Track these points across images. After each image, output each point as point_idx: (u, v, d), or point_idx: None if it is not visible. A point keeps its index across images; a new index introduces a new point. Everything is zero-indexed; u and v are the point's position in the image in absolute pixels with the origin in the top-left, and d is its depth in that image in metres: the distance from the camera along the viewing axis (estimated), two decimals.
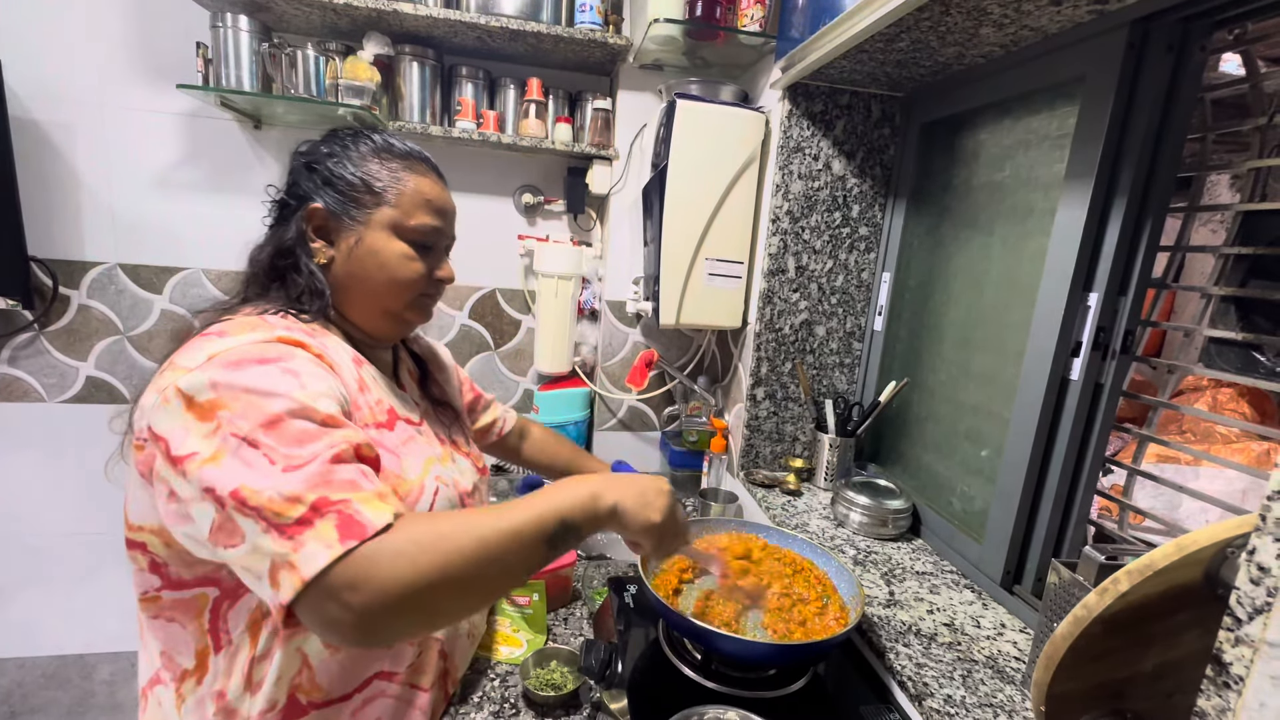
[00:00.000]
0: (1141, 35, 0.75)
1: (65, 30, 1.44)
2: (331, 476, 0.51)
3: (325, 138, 0.73)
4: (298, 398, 0.53)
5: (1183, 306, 1.79)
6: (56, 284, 1.54)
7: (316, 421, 0.53)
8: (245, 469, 0.50)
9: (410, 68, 1.46)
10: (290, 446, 0.51)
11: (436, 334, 1.72)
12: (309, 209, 0.69)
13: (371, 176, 0.69)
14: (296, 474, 0.50)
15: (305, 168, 0.71)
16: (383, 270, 0.70)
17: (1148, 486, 1.07)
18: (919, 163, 1.22)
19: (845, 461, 1.29)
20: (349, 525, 0.49)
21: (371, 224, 0.69)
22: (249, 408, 0.52)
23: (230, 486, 0.49)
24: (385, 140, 0.72)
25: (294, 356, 0.57)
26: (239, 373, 0.53)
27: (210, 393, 0.52)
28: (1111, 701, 0.53)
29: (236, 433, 0.51)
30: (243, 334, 0.58)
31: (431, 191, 0.73)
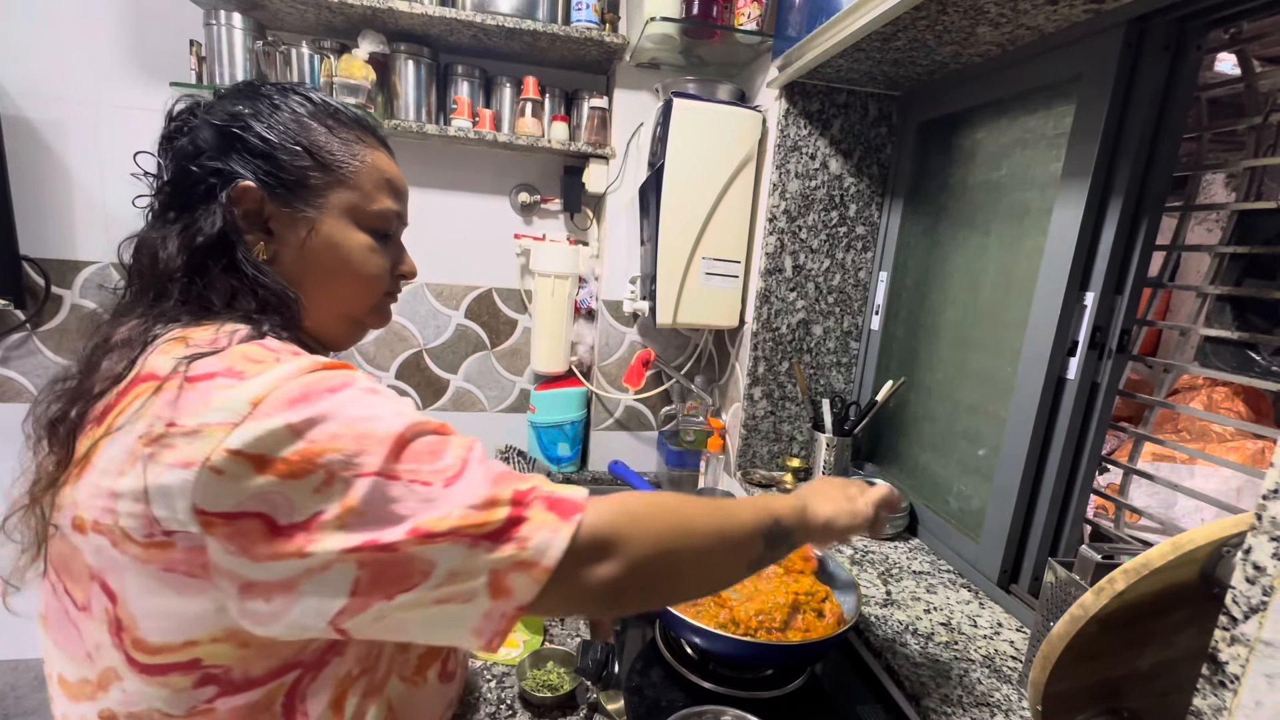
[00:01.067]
0: (1138, 34, 0.75)
1: (57, 27, 1.43)
2: (496, 469, 0.45)
3: (240, 91, 0.57)
4: (403, 412, 0.45)
5: (1178, 306, 1.79)
6: (49, 283, 1.53)
7: (433, 430, 0.46)
8: (402, 506, 0.42)
9: (406, 66, 1.45)
10: (432, 461, 0.44)
11: (433, 334, 1.71)
12: (238, 189, 0.52)
13: (320, 148, 0.55)
14: (464, 480, 0.44)
15: (218, 131, 0.53)
16: (345, 267, 0.57)
17: (1143, 485, 1.07)
18: (916, 162, 1.22)
19: (842, 461, 1.28)
20: (560, 505, 0.45)
21: (327, 209, 0.55)
22: (361, 440, 0.42)
23: (401, 530, 0.41)
24: (325, 100, 0.58)
25: (356, 377, 0.46)
26: (315, 412, 0.42)
27: (295, 442, 0.41)
28: (1108, 700, 0.53)
29: (365, 471, 0.41)
30: (271, 365, 0.44)
31: (389, 167, 0.61)
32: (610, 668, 0.77)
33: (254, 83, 0.58)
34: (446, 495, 0.43)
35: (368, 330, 0.65)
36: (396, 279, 0.64)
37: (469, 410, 1.78)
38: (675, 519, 0.50)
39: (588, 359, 1.71)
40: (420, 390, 1.73)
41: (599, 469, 1.67)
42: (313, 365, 0.45)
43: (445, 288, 1.69)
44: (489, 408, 1.79)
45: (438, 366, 1.73)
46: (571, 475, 1.60)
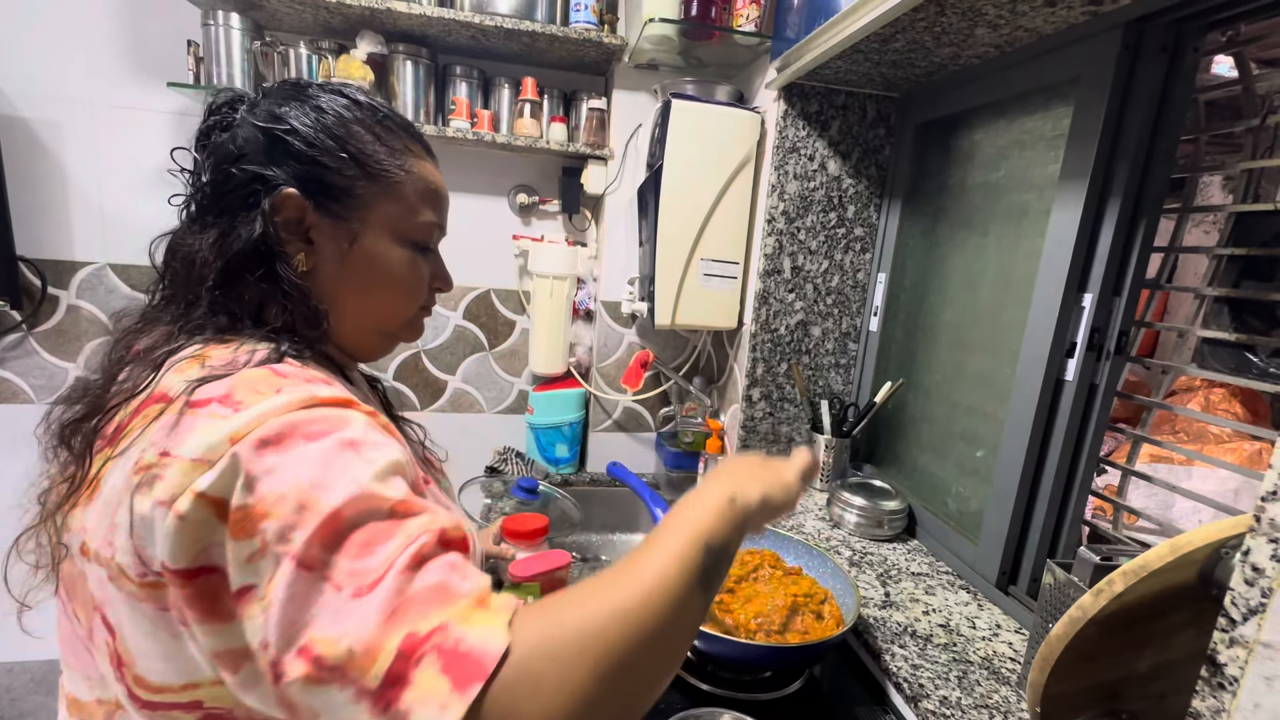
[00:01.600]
0: (1136, 36, 0.75)
1: (54, 27, 1.43)
2: (415, 589, 0.38)
3: (285, 90, 0.54)
4: (361, 483, 0.40)
5: (1176, 307, 1.80)
6: (45, 284, 1.52)
7: (385, 512, 0.40)
8: (305, 605, 0.37)
9: (404, 67, 1.45)
10: (357, 557, 0.38)
11: (431, 335, 1.71)
12: (280, 196, 0.50)
13: (366, 155, 0.53)
14: (370, 599, 0.37)
15: (262, 132, 0.51)
16: (385, 281, 0.55)
17: (1141, 486, 1.07)
18: (914, 163, 1.22)
19: (841, 462, 1.28)
20: (459, 664, 0.35)
21: (370, 221, 0.53)
22: (299, 510, 0.38)
23: (295, 640, 0.36)
24: (373, 103, 0.55)
25: (347, 422, 0.43)
26: (282, 459, 0.39)
27: (246, 495, 0.38)
28: (1106, 702, 0.53)
29: (288, 551, 0.38)
30: (269, 396, 0.42)
31: (434, 177, 0.58)
32: None
33: (300, 82, 0.56)
34: (345, 609, 0.37)
35: (397, 343, 0.63)
36: (433, 292, 0.62)
37: (467, 411, 1.78)
38: (609, 637, 0.38)
39: (586, 360, 1.71)
40: (418, 391, 1.73)
41: (597, 470, 1.67)
42: (306, 400, 0.42)
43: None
44: (487, 409, 1.79)
45: (435, 367, 1.73)
46: (570, 476, 1.60)
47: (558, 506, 1.28)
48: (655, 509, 1.23)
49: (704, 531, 0.45)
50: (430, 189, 0.57)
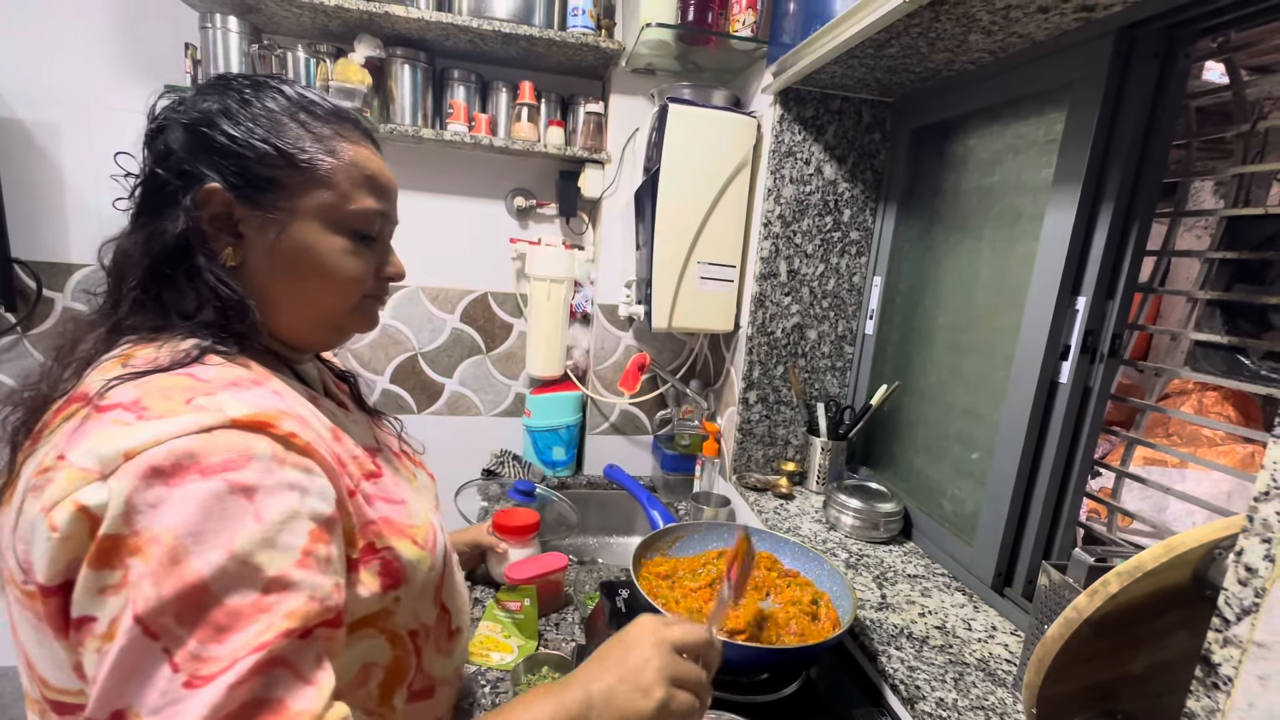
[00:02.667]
0: (1128, 43, 0.76)
1: (51, 29, 1.43)
2: (246, 699, 0.37)
3: (212, 86, 0.53)
4: (239, 547, 0.38)
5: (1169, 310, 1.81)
6: (40, 286, 1.52)
7: (258, 587, 0.39)
8: (134, 673, 0.36)
9: (402, 70, 1.45)
10: (206, 640, 0.37)
11: (428, 338, 1.71)
12: (204, 191, 0.49)
13: (292, 145, 0.51)
14: (200, 696, 0.36)
15: (187, 130, 0.51)
16: (318, 271, 0.54)
17: (1135, 488, 1.08)
18: (909, 167, 1.23)
19: (837, 465, 1.29)
20: None
21: (298, 211, 0.52)
22: (162, 563, 0.37)
23: (112, 703, 0.36)
24: (301, 93, 0.54)
25: (250, 457, 0.41)
26: (167, 494, 0.38)
27: (124, 523, 0.37)
28: (1102, 703, 0.53)
29: (137, 608, 0.36)
30: (175, 412, 0.40)
31: (371, 163, 0.56)
32: None
33: (227, 76, 0.55)
34: (175, 698, 0.35)
35: (348, 335, 0.61)
36: (382, 281, 0.60)
37: (464, 414, 1.77)
38: None
39: (583, 363, 1.71)
40: (415, 394, 1.73)
41: (594, 473, 1.67)
42: (213, 421, 0.41)
43: (440, 291, 1.69)
44: (484, 412, 1.79)
45: (433, 370, 1.73)
46: (567, 479, 1.60)
47: (554, 509, 1.28)
48: (652, 512, 1.23)
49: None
50: (365, 175, 0.55)
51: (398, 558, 0.52)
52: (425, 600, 0.57)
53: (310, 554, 0.42)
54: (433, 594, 0.58)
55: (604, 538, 1.55)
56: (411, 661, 0.57)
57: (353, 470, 0.52)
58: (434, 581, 0.58)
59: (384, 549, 0.52)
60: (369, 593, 0.50)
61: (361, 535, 0.50)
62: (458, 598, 0.66)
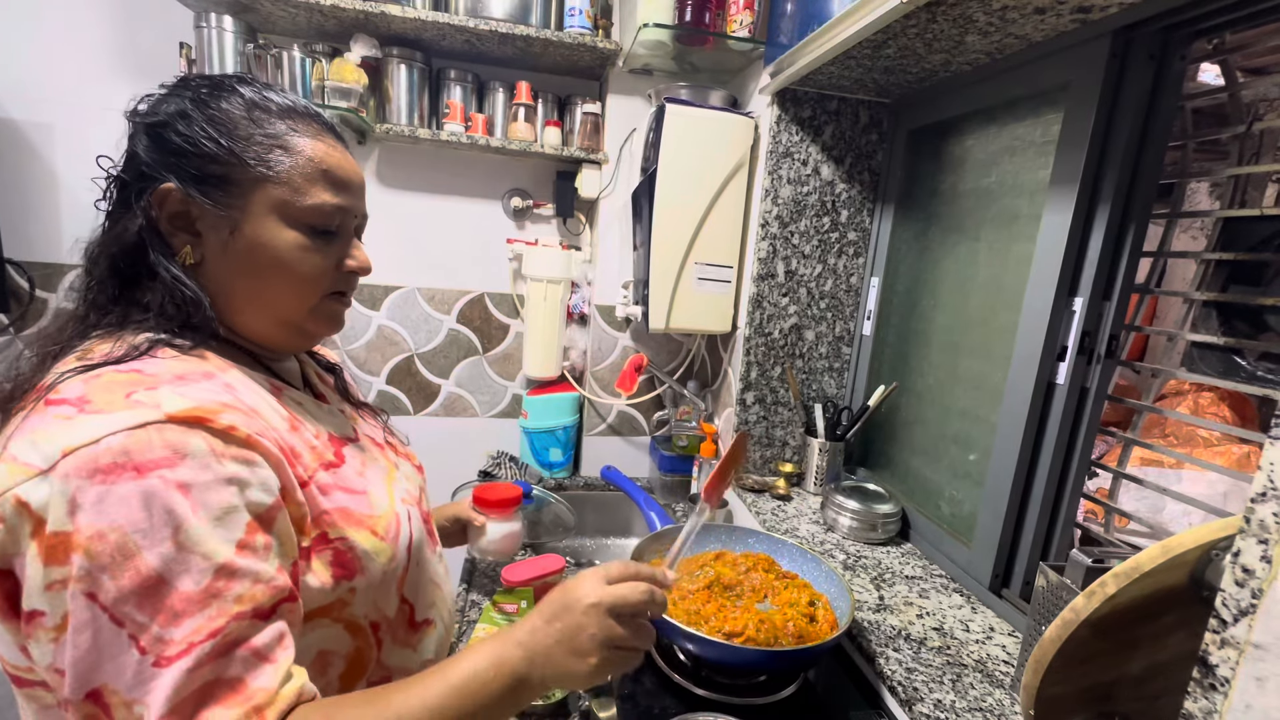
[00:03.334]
0: (1124, 44, 0.76)
1: (44, 28, 1.42)
2: (206, 680, 0.41)
3: (173, 88, 0.55)
4: (185, 538, 0.41)
5: (1165, 311, 1.82)
6: (33, 287, 1.51)
7: (207, 574, 0.42)
8: (106, 657, 0.40)
9: (398, 70, 1.45)
10: (166, 624, 0.40)
11: (425, 339, 1.70)
12: (158, 191, 0.51)
13: (241, 142, 0.52)
14: (167, 675, 0.40)
15: (147, 133, 0.52)
16: (273, 269, 0.54)
17: (1131, 489, 1.08)
18: (906, 168, 1.23)
19: (835, 466, 1.29)
20: None
21: (250, 208, 0.52)
22: (116, 559, 0.39)
23: (89, 683, 0.40)
24: (258, 93, 0.54)
25: (184, 454, 0.43)
26: (107, 493, 0.40)
27: (67, 521, 0.39)
28: (1100, 704, 0.53)
29: (96, 596, 0.39)
30: (114, 408, 0.42)
31: (329, 158, 0.55)
32: None
33: (186, 77, 0.56)
34: (143, 674, 0.40)
35: (314, 337, 0.60)
36: (346, 277, 0.59)
37: (460, 415, 1.77)
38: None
39: (580, 364, 1.71)
40: (411, 396, 1.72)
41: (591, 474, 1.66)
42: (151, 417, 0.42)
43: (437, 292, 1.68)
44: (481, 413, 1.78)
45: (429, 371, 1.72)
46: (564, 481, 1.60)
47: (551, 511, 1.27)
48: (649, 513, 1.23)
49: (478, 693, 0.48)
50: (321, 170, 0.55)
51: (352, 548, 0.54)
52: (385, 591, 0.58)
53: (248, 545, 0.45)
54: (393, 585, 0.59)
55: (601, 539, 1.55)
56: (373, 654, 0.58)
57: (308, 460, 0.54)
58: (395, 573, 0.58)
59: (337, 539, 0.53)
60: (320, 583, 0.52)
61: (314, 525, 0.52)
62: (426, 591, 0.66)
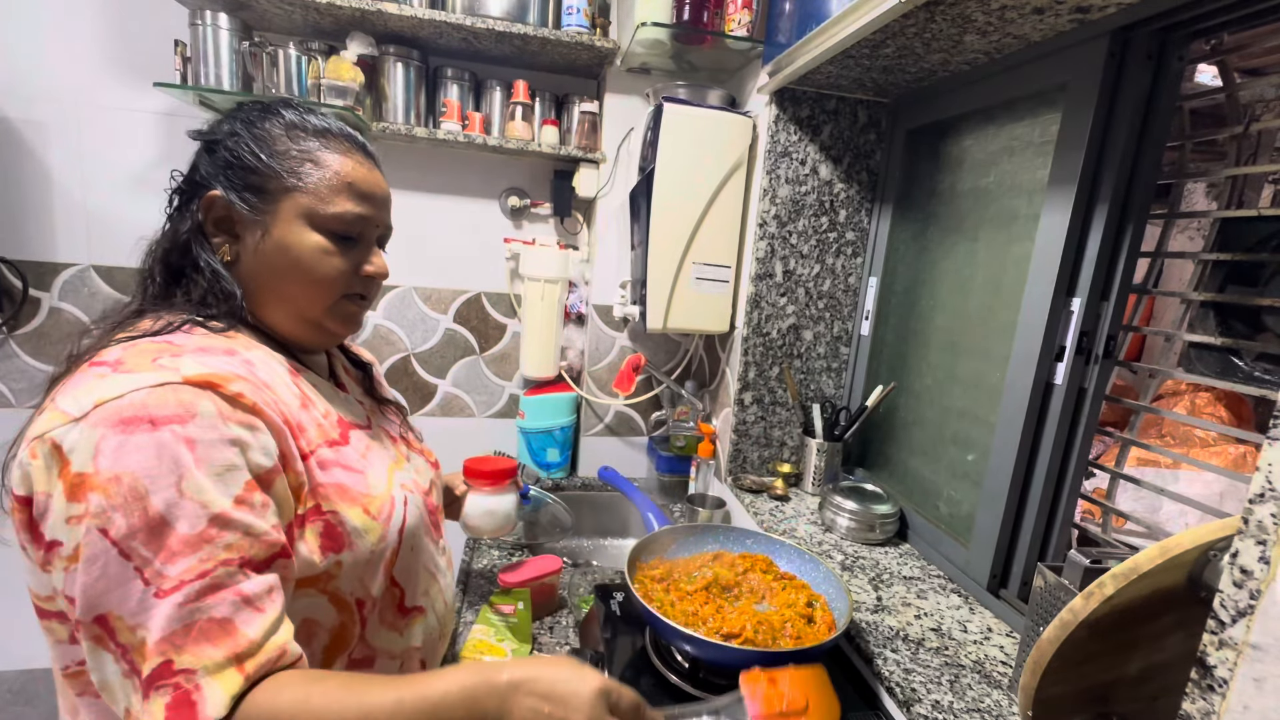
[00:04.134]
0: (1122, 44, 0.76)
1: (38, 26, 1.41)
2: (194, 617, 0.45)
3: (230, 113, 0.64)
4: (186, 485, 0.46)
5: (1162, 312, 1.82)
6: (27, 286, 1.50)
7: (205, 518, 0.47)
8: (115, 585, 0.44)
9: (394, 68, 1.44)
10: (165, 560, 0.45)
11: (421, 338, 1.70)
12: (206, 198, 0.59)
13: (277, 157, 0.60)
14: (163, 606, 0.44)
15: (205, 149, 0.62)
16: (295, 269, 0.60)
17: (1129, 489, 1.08)
18: (905, 168, 1.23)
19: (833, 466, 1.29)
20: (181, 710, 0.43)
21: (279, 214, 0.59)
22: (128, 499, 0.45)
23: (96, 608, 0.44)
24: (299, 115, 0.62)
25: (195, 413, 0.48)
26: (125, 442, 0.45)
27: (89, 463, 0.45)
28: (1097, 705, 0.53)
29: (108, 531, 0.44)
30: (141, 369, 0.49)
31: (355, 173, 0.62)
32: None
33: (243, 103, 0.65)
34: (146, 603, 0.44)
35: (334, 335, 0.66)
36: (363, 280, 0.65)
37: (457, 416, 1.76)
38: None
39: (578, 364, 1.70)
40: (408, 395, 1.72)
41: (589, 475, 1.66)
42: (168, 381, 0.48)
43: (433, 292, 1.68)
44: (478, 413, 1.78)
45: (426, 371, 1.72)
46: (561, 481, 1.59)
47: (549, 511, 1.27)
48: (647, 513, 1.22)
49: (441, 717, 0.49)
50: (347, 182, 0.62)
51: (342, 522, 0.58)
52: (373, 571, 0.61)
53: (245, 501, 0.49)
54: (381, 565, 0.62)
55: (599, 540, 1.54)
56: (355, 630, 0.61)
57: (313, 435, 0.59)
58: (384, 554, 0.62)
59: (329, 512, 0.57)
60: (308, 551, 0.56)
61: (310, 496, 0.56)
62: (420, 578, 0.69)
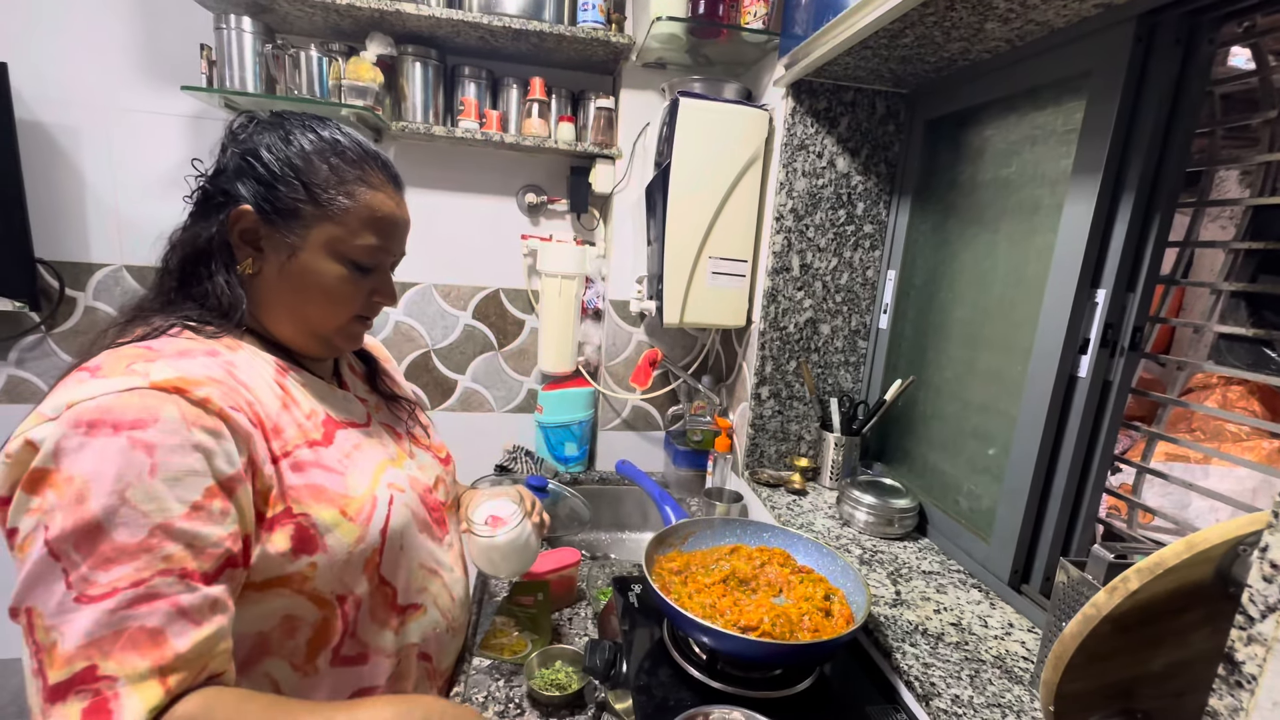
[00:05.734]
0: (1149, 29, 0.74)
1: (69, 33, 1.45)
2: (124, 625, 0.45)
3: (266, 122, 0.63)
4: (131, 495, 0.46)
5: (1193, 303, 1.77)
6: (63, 286, 1.55)
7: (144, 530, 0.46)
8: (38, 583, 0.45)
9: (413, 68, 1.46)
10: (94, 566, 0.45)
11: (441, 334, 1.72)
12: (237, 211, 0.59)
13: (317, 184, 0.60)
14: (86, 612, 0.44)
15: (237, 156, 0.61)
16: (316, 292, 0.62)
17: (1157, 485, 1.06)
18: (924, 159, 1.21)
19: (851, 460, 1.28)
20: (96, 716, 0.43)
21: (309, 240, 0.60)
22: (70, 501, 0.45)
23: (24, 599, 0.45)
24: (336, 137, 0.63)
25: (157, 417, 0.48)
26: (85, 444, 0.46)
27: (50, 460, 0.46)
28: (1121, 701, 0.52)
29: (47, 529, 0.45)
30: (114, 374, 0.49)
31: (384, 207, 0.64)
32: (618, 667, 0.77)
33: (283, 114, 0.64)
34: (65, 607, 0.44)
35: (338, 351, 0.70)
36: (373, 304, 0.67)
37: (476, 411, 1.79)
38: None
39: (595, 359, 1.71)
40: (428, 391, 1.74)
41: (606, 469, 1.67)
42: (136, 385, 0.48)
43: (453, 288, 1.70)
44: (496, 408, 1.80)
45: (445, 367, 1.74)
46: (579, 475, 1.61)
47: (567, 504, 1.28)
48: (664, 507, 1.23)
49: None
50: (375, 217, 0.63)
51: (314, 524, 0.57)
52: (354, 570, 0.61)
53: (201, 507, 0.49)
54: (364, 565, 0.62)
55: (616, 533, 1.55)
56: (339, 626, 0.61)
57: (290, 436, 0.59)
58: (365, 554, 0.61)
59: (301, 514, 0.57)
60: (277, 552, 0.55)
61: (280, 499, 0.56)
62: (414, 575, 0.68)
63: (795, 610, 0.81)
